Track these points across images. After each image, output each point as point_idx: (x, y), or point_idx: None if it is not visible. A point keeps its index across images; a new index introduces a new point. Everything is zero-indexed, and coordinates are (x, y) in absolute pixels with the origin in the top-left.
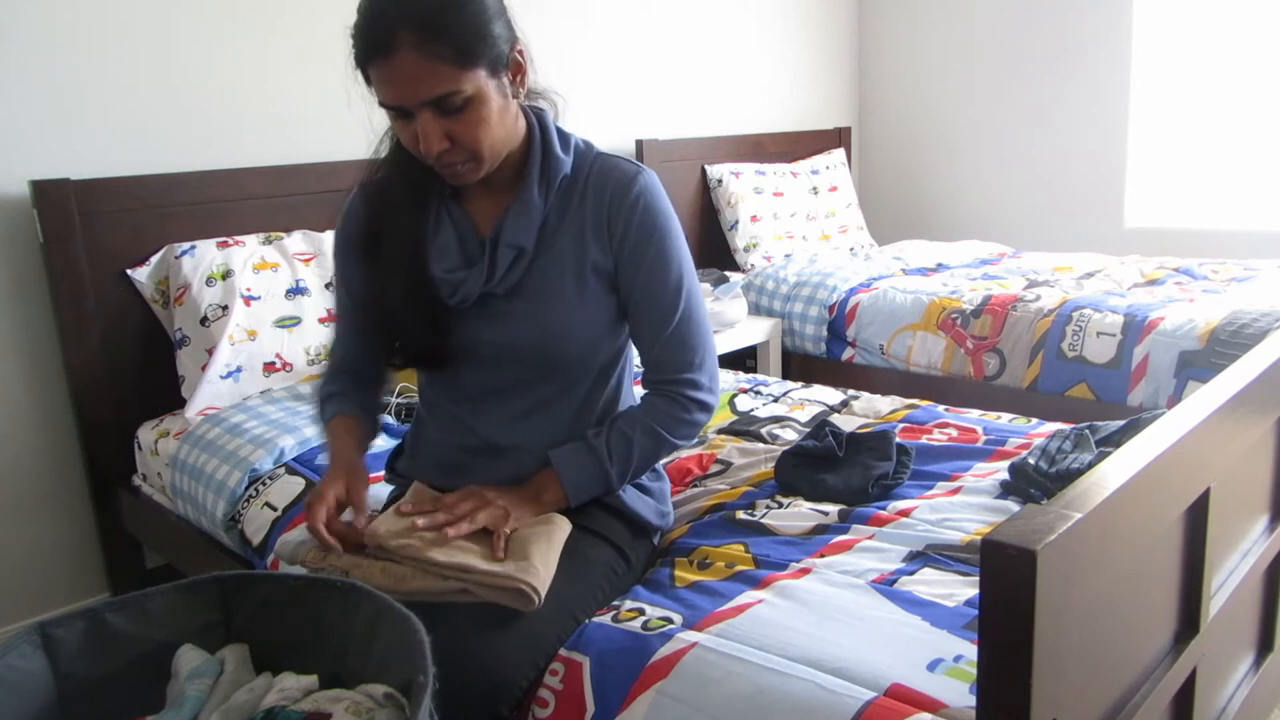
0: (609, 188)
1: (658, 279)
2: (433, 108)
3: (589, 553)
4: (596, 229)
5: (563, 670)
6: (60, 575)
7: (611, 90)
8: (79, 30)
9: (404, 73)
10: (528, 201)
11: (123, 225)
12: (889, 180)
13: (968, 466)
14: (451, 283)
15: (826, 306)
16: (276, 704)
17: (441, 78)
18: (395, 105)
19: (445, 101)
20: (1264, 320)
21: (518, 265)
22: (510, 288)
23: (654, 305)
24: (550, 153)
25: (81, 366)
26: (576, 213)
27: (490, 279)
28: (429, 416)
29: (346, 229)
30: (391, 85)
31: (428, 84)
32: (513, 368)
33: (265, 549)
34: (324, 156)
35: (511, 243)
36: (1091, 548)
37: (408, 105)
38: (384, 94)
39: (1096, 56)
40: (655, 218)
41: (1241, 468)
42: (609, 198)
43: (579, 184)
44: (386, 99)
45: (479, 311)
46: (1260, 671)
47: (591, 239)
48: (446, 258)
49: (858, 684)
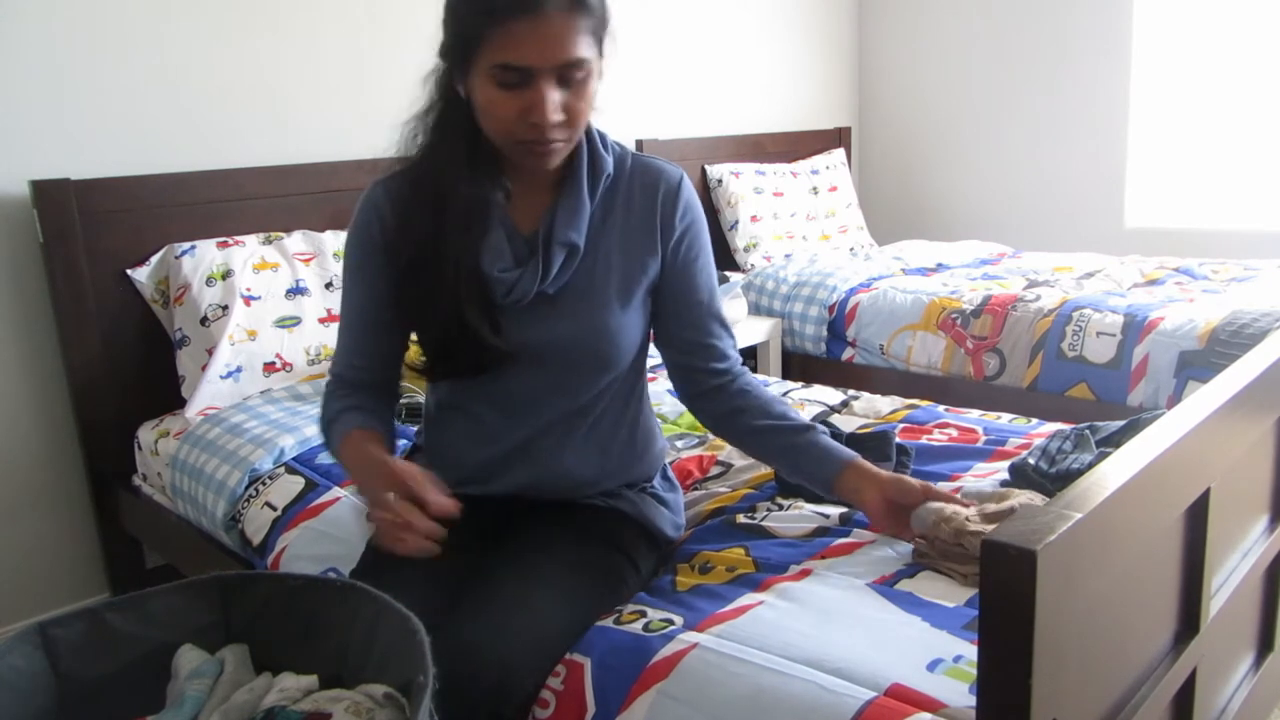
0: (660, 189)
1: (709, 272)
2: (558, 75)
3: (600, 560)
4: (647, 229)
5: (564, 671)
6: (60, 575)
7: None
8: (79, 30)
9: (552, 31)
10: (578, 198)
11: (123, 225)
12: (889, 180)
13: (968, 467)
14: (507, 282)
15: (826, 306)
16: (276, 704)
17: (582, 44)
18: (526, 66)
19: (573, 70)
20: (1264, 320)
21: (569, 264)
22: (560, 287)
23: (712, 295)
24: (596, 151)
25: (81, 366)
26: (623, 213)
27: (544, 278)
28: (451, 422)
29: (370, 227)
30: (533, 44)
31: (570, 46)
32: (557, 370)
33: (265, 549)
34: (324, 156)
35: (564, 240)
36: (1091, 548)
37: (543, 66)
38: (518, 52)
39: (1097, 57)
40: (701, 216)
41: (1241, 468)
42: (661, 198)
43: (621, 184)
44: (519, 58)
45: (528, 313)
46: (1260, 671)
47: (641, 240)
48: (500, 257)
49: (858, 684)
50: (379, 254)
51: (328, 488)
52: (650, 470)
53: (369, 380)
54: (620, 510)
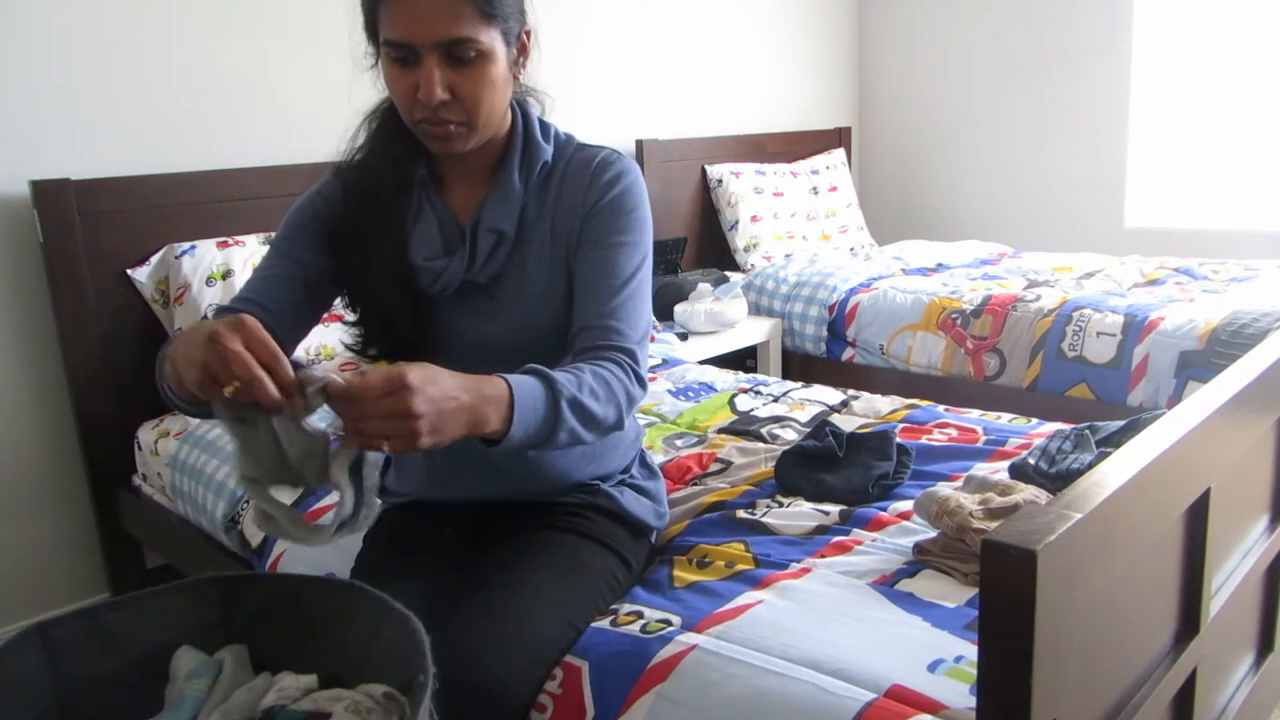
0: (589, 168)
1: (624, 252)
2: (443, 54)
3: (591, 561)
4: (571, 208)
5: (561, 675)
6: (60, 575)
7: (611, 90)
8: (79, 30)
9: (428, 6)
10: (508, 187)
11: (123, 225)
12: (889, 180)
13: (968, 467)
14: (433, 270)
15: (826, 306)
16: (276, 704)
17: (464, 22)
18: (406, 42)
19: (458, 49)
20: (1264, 320)
21: (498, 252)
22: (491, 277)
23: (614, 274)
24: (531, 139)
25: (81, 366)
26: (555, 199)
27: (471, 266)
28: None
29: (316, 208)
30: (411, 20)
31: (449, 24)
32: (495, 362)
33: (265, 550)
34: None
35: (491, 227)
36: (1091, 548)
37: (421, 43)
38: (397, 28)
39: (1097, 57)
40: (630, 198)
41: (1241, 468)
42: (589, 177)
43: (558, 172)
44: (399, 34)
45: (459, 303)
46: (1260, 671)
47: (565, 220)
48: (428, 245)
49: (858, 685)
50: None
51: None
52: (625, 459)
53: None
54: (601, 506)
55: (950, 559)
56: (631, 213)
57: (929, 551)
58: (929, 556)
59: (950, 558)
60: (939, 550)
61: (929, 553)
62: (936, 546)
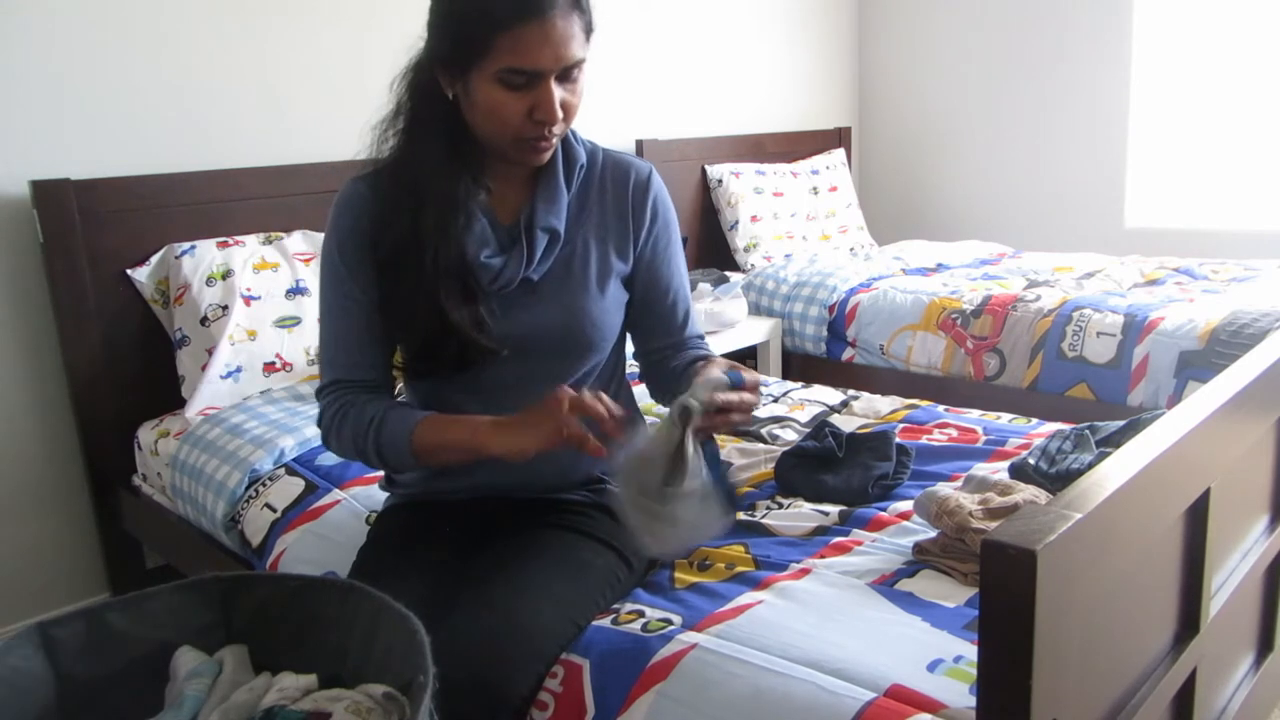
0: (631, 181)
1: (680, 262)
2: (560, 75)
3: (592, 559)
4: (619, 220)
5: (562, 673)
6: (60, 575)
7: (611, 90)
8: (79, 30)
9: (559, 34)
10: (555, 187)
11: (123, 225)
12: (889, 180)
13: (968, 467)
14: (493, 268)
15: (826, 306)
16: (276, 703)
17: (579, 43)
18: (535, 70)
19: (573, 69)
20: (1264, 320)
21: (550, 250)
22: (543, 274)
23: (683, 284)
24: (569, 143)
25: (81, 366)
26: (597, 203)
27: (529, 263)
28: None
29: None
30: (542, 47)
31: (573, 48)
32: (541, 357)
33: (265, 550)
34: (324, 156)
35: (545, 226)
36: (1091, 548)
37: (552, 68)
38: (529, 58)
39: (1097, 56)
40: (671, 209)
41: (1241, 468)
42: (632, 190)
43: (594, 177)
44: (529, 63)
45: (513, 301)
46: (1260, 671)
47: (615, 229)
48: (487, 243)
49: (858, 685)
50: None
51: (327, 490)
52: None
53: (375, 381)
54: (604, 505)
55: (950, 559)
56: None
57: (929, 551)
58: (929, 556)
59: (950, 558)
60: (939, 550)
61: (929, 553)
62: (936, 546)
